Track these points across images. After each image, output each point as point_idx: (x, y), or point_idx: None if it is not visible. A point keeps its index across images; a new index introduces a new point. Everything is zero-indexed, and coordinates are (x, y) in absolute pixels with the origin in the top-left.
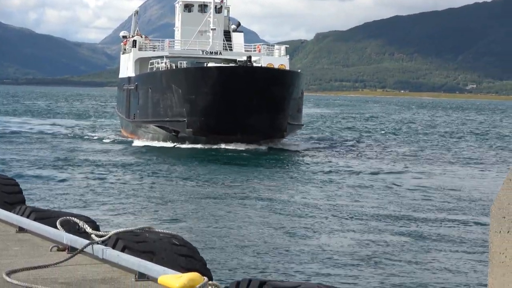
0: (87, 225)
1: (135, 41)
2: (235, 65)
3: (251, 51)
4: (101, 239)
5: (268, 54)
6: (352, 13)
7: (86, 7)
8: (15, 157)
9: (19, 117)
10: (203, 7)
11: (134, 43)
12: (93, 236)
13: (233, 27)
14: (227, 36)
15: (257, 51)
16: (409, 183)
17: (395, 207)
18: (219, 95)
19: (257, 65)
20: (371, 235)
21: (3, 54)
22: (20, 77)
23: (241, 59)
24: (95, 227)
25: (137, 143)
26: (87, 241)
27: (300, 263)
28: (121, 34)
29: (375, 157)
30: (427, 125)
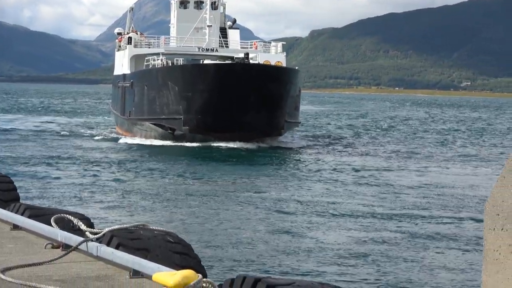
0: (81, 223)
1: (130, 38)
2: (232, 62)
3: (248, 48)
4: (96, 236)
5: (264, 51)
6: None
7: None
8: (9, 154)
9: (13, 114)
10: (199, 4)
11: (129, 40)
12: (87, 233)
13: (229, 24)
14: (223, 33)
15: (253, 48)
16: (404, 181)
17: (390, 204)
18: (216, 92)
19: (254, 62)
20: (366, 232)
21: None
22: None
23: (238, 56)
24: (90, 224)
25: (123, 140)
26: (81, 239)
27: (295, 260)
28: (116, 31)
29: (371, 154)
30: (422, 122)
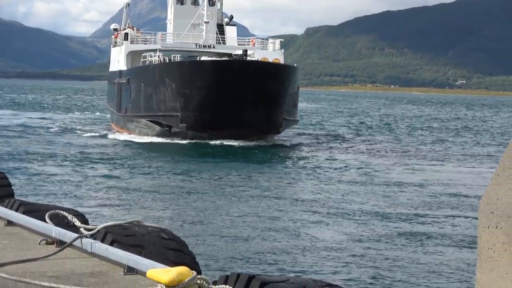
0: (76, 219)
1: (126, 34)
2: (230, 58)
3: (245, 45)
4: (90, 232)
5: (262, 48)
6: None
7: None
8: (4, 150)
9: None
10: (196, 0)
11: (125, 36)
12: (82, 229)
13: (226, 20)
14: (220, 29)
15: (251, 45)
16: (400, 179)
17: (385, 203)
18: (213, 89)
19: (252, 59)
20: (362, 230)
21: None
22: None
23: (236, 53)
24: (84, 220)
25: (118, 136)
26: (76, 235)
27: (290, 258)
28: (112, 26)
29: (367, 153)
30: (418, 120)
